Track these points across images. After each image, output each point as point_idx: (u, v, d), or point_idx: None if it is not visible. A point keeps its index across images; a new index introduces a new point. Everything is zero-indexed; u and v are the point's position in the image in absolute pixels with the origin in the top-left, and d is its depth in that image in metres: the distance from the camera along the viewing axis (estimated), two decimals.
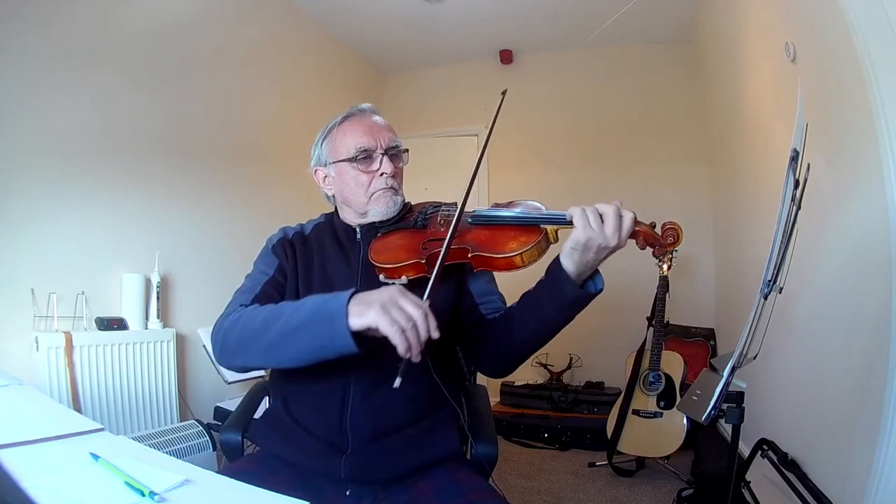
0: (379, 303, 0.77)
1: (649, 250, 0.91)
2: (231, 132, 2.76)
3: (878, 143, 1.22)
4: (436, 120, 4.09)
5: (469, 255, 0.94)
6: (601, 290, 0.92)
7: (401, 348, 0.74)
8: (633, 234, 0.88)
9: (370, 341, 0.79)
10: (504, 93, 1.03)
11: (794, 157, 0.90)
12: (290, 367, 0.89)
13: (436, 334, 0.76)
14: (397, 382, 0.72)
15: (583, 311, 0.93)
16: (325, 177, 1.13)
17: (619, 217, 0.85)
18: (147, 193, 2.31)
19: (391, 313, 0.75)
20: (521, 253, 0.90)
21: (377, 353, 0.80)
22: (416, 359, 0.75)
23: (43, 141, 1.92)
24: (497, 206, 1.01)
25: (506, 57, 3.87)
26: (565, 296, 0.89)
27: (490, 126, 1.01)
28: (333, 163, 1.09)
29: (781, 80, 1.91)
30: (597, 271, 0.92)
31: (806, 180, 0.92)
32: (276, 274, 1.07)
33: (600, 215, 0.85)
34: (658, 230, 0.89)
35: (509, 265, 0.91)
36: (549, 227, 0.93)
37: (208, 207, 2.61)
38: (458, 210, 0.94)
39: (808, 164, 0.93)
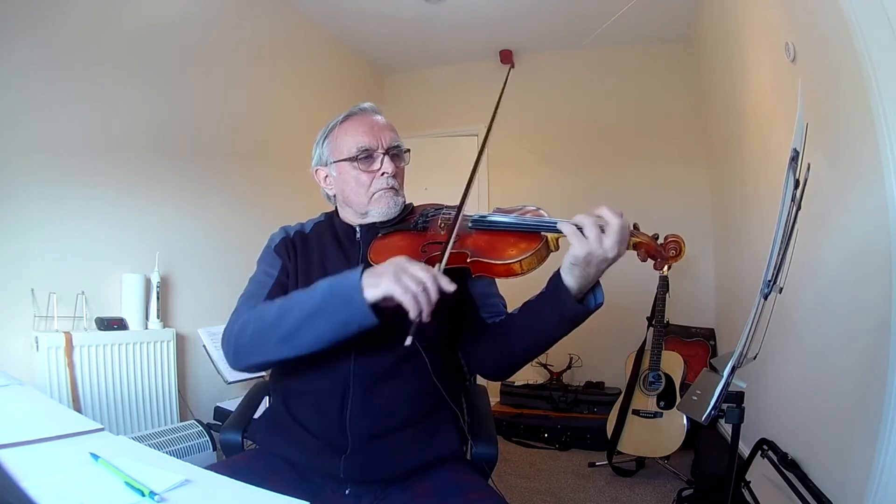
0: (390, 272, 0.81)
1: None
2: (231, 132, 2.77)
3: (878, 142, 1.22)
4: (436, 120, 4.09)
5: (468, 260, 0.93)
6: (601, 303, 0.91)
7: (413, 312, 0.79)
8: (634, 246, 0.86)
9: (385, 312, 0.83)
10: (510, 69, 1.02)
11: (794, 157, 0.90)
12: (307, 353, 0.89)
13: (450, 288, 0.81)
14: (408, 341, 0.77)
15: None
16: (326, 176, 1.13)
17: (618, 228, 0.83)
18: (147, 193, 2.31)
19: (402, 280, 0.80)
20: (520, 260, 0.89)
21: (387, 334, 0.83)
22: (427, 318, 0.79)
23: (43, 141, 1.92)
24: (499, 211, 1.00)
25: (506, 57, 3.86)
26: (566, 311, 0.89)
27: (496, 103, 0.98)
28: (334, 162, 1.09)
29: (781, 80, 1.91)
30: (597, 283, 0.90)
31: (806, 180, 0.92)
32: (280, 275, 1.06)
33: (599, 227, 0.83)
34: (660, 241, 0.88)
35: (508, 272, 0.91)
36: (550, 235, 0.91)
37: (208, 207, 2.61)
38: (457, 214, 0.94)
39: (808, 164, 0.93)
